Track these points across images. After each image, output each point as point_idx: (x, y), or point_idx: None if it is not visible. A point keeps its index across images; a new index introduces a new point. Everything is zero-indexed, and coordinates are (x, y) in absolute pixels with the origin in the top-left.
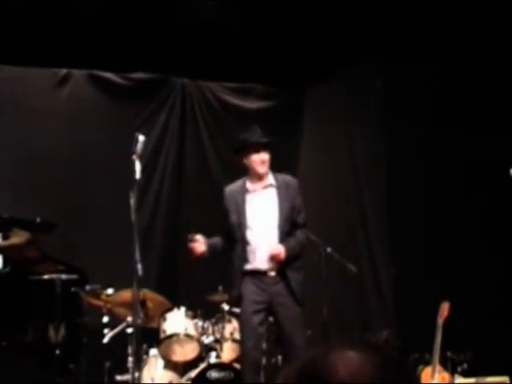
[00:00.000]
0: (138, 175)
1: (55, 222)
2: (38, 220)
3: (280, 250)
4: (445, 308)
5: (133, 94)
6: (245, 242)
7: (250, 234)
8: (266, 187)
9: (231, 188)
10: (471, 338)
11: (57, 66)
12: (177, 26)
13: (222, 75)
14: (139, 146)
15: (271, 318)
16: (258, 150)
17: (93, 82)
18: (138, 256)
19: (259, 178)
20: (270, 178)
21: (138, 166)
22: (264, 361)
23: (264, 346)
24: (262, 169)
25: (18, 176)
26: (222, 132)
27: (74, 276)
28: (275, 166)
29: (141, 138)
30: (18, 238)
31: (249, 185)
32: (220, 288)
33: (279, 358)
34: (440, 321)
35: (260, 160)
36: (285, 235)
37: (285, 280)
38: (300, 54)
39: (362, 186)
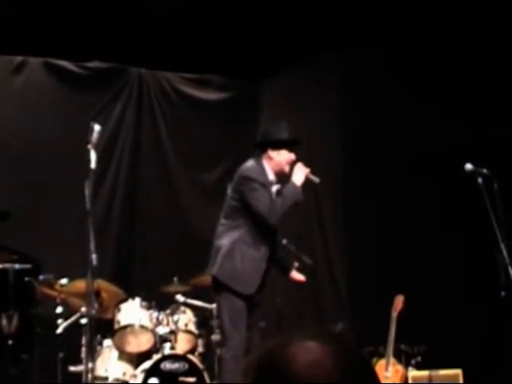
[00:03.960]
0: (93, 165)
1: (8, 211)
2: None
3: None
4: (399, 301)
5: (89, 83)
6: (275, 239)
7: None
8: (279, 191)
9: (254, 169)
10: (425, 331)
11: (12, 54)
12: (134, 14)
13: (179, 66)
14: (95, 136)
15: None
16: (292, 149)
17: (49, 70)
18: (92, 246)
19: (281, 176)
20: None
21: (93, 156)
22: (218, 352)
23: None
24: (288, 169)
25: None
26: (178, 122)
27: (28, 265)
28: (232, 158)
29: (96, 127)
30: None
31: (271, 177)
32: (175, 279)
33: None
34: (394, 314)
35: (291, 160)
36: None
37: None
38: (258, 46)
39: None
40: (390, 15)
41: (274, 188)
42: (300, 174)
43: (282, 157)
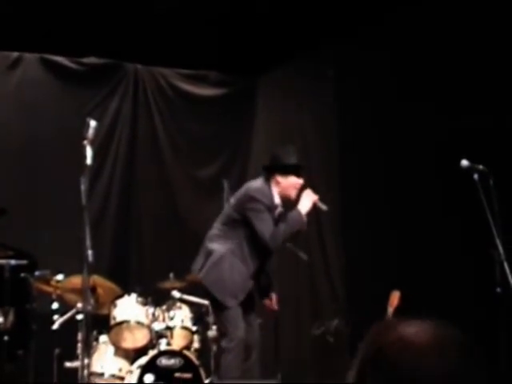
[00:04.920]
0: (89, 161)
1: (3, 208)
2: None
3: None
4: (395, 297)
5: (85, 78)
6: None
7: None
8: (280, 215)
9: (262, 191)
10: None
11: (8, 50)
12: (130, 10)
13: (175, 61)
14: (91, 132)
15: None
16: (299, 175)
17: (45, 66)
18: (88, 242)
19: (286, 200)
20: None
21: (89, 152)
22: (214, 348)
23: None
24: (294, 194)
25: None
26: (174, 118)
27: (24, 261)
28: (228, 154)
29: (92, 123)
30: None
31: (277, 200)
32: (171, 275)
33: None
34: (390, 310)
35: (298, 185)
36: None
37: None
38: (254, 42)
39: (314, 175)
40: (383, 9)
41: (278, 211)
42: (307, 201)
43: (289, 182)
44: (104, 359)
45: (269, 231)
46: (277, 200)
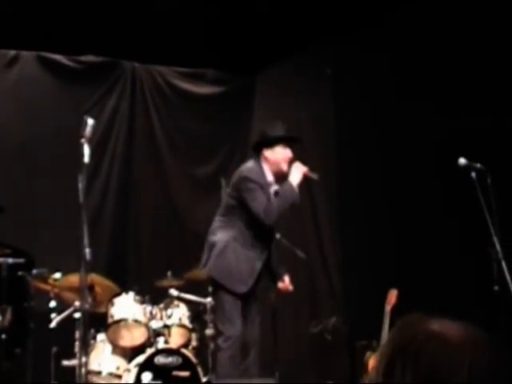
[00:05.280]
0: (86, 159)
1: (1, 206)
2: None
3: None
4: (393, 295)
5: (82, 77)
6: (271, 238)
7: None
8: (276, 192)
9: (253, 171)
10: None
11: (5, 48)
12: (128, 8)
13: (172, 60)
14: (88, 130)
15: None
16: (286, 146)
17: (42, 64)
18: (86, 240)
19: (280, 177)
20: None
21: (86, 150)
22: (211, 346)
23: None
24: (286, 168)
25: None
26: (171, 116)
27: (21, 260)
28: (226, 152)
29: (90, 121)
30: None
31: (270, 178)
32: (169, 273)
33: None
34: (388, 308)
35: (287, 157)
36: None
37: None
38: (251, 40)
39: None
40: (381, 8)
41: (273, 189)
42: (297, 173)
43: (277, 155)
44: (102, 357)
45: (262, 208)
46: (269, 177)
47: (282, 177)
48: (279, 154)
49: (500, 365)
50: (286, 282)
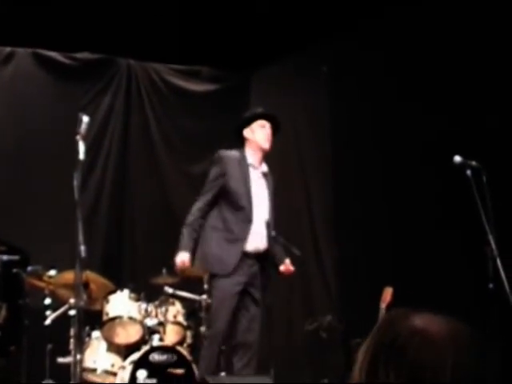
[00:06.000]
0: (81, 156)
1: None
2: None
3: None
4: (388, 293)
5: (78, 74)
6: (250, 215)
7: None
8: (263, 174)
9: (230, 153)
10: None
11: (0, 44)
12: (123, 5)
13: (168, 57)
14: (83, 127)
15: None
16: (263, 125)
17: (37, 61)
18: (81, 237)
19: (261, 154)
20: (264, 167)
21: (81, 147)
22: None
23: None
24: (267, 144)
25: None
26: (167, 114)
27: (16, 257)
28: (221, 149)
29: (85, 118)
30: None
31: (251, 160)
32: (164, 271)
33: None
34: (383, 306)
35: (266, 134)
36: (269, 226)
37: (260, 263)
38: (247, 37)
39: (308, 171)
40: (379, 6)
41: (260, 171)
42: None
43: (255, 132)
44: (97, 355)
45: (197, 207)
46: (250, 160)
47: (265, 155)
48: (257, 132)
49: (487, 361)
50: (286, 265)
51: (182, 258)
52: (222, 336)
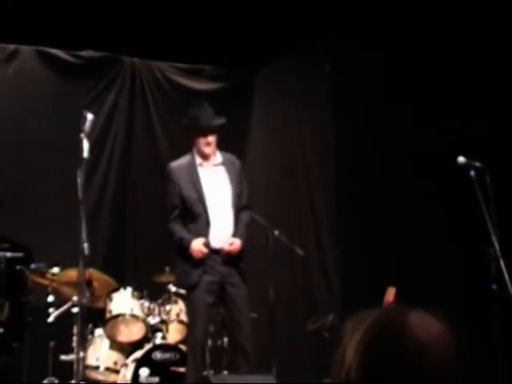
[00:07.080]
0: (86, 154)
1: (1, 199)
2: None
3: (238, 245)
4: (390, 293)
5: (82, 72)
6: (207, 219)
7: (209, 211)
8: (216, 165)
9: (178, 163)
10: None
11: (4, 42)
12: (128, 3)
13: (172, 55)
14: (88, 125)
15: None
16: (205, 135)
17: (41, 58)
18: (84, 235)
19: (205, 157)
20: (218, 156)
21: (86, 145)
22: (209, 343)
23: (210, 328)
24: (208, 149)
25: None
26: (171, 112)
27: (19, 254)
28: (225, 148)
29: (89, 116)
30: None
31: (199, 160)
32: (167, 269)
33: (225, 340)
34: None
35: (206, 142)
36: (237, 212)
37: (233, 260)
38: (251, 36)
39: (310, 169)
40: (381, 5)
41: (212, 164)
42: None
43: (197, 140)
44: (99, 352)
45: (170, 206)
46: (198, 160)
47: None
48: (197, 139)
49: (471, 363)
50: (230, 244)
51: (198, 245)
52: (201, 340)
